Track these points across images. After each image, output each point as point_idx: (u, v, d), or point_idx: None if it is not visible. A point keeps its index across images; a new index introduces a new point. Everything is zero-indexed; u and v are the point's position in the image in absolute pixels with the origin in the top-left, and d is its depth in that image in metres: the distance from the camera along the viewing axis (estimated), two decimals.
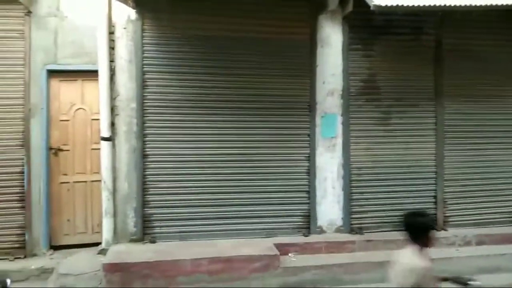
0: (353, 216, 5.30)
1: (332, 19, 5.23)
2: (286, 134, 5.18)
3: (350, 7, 5.05)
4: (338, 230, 5.25)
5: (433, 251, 4.87)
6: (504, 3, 4.69)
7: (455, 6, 4.60)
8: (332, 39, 5.24)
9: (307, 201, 5.22)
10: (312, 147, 5.22)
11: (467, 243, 5.24)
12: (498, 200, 5.66)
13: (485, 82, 5.63)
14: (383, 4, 4.44)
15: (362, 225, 5.31)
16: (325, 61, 5.23)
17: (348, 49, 5.27)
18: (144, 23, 4.84)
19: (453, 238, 5.24)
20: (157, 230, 4.90)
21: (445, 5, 4.59)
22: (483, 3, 4.65)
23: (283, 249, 4.76)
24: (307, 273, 4.48)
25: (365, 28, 5.31)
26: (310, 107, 5.21)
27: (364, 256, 4.82)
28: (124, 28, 4.80)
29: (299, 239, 5.04)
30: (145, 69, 4.85)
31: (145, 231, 4.86)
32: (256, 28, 5.07)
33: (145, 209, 4.86)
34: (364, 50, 5.35)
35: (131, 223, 4.82)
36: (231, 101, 5.05)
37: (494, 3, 4.66)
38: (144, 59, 4.84)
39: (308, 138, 5.23)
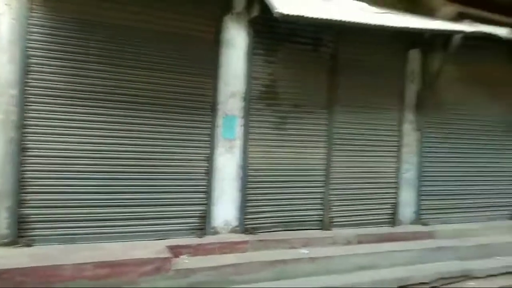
0: (248, 216, 5.57)
1: (238, 21, 5.40)
2: (186, 133, 5.21)
3: (255, 12, 5.26)
4: (233, 231, 5.46)
5: (318, 250, 5.44)
6: (394, 25, 5.35)
7: (350, 22, 5.10)
8: (236, 41, 5.41)
9: (204, 202, 5.32)
10: (212, 147, 5.34)
11: (349, 242, 5.84)
12: (376, 203, 6.44)
13: (373, 95, 6.34)
14: (285, 13, 4.73)
15: (256, 225, 5.60)
16: (229, 63, 5.38)
17: (252, 53, 5.49)
18: (33, 1, 4.43)
19: (337, 238, 5.81)
20: (36, 232, 4.54)
21: (341, 21, 5.08)
22: (375, 23, 5.25)
23: (177, 251, 4.80)
24: (199, 274, 4.59)
25: (270, 34, 5.58)
26: (212, 107, 5.32)
27: (256, 255, 5.09)
28: (7, 4, 4.34)
29: (193, 240, 5.11)
30: (29, 52, 4.44)
31: (20, 234, 4.47)
32: (159, 20, 4.98)
33: (21, 209, 4.47)
34: (267, 55, 5.62)
35: (3, 224, 4.40)
36: (127, 95, 4.89)
37: (385, 24, 5.29)
38: (29, 41, 4.43)
39: (208, 139, 5.32)
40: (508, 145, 7.55)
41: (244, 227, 5.52)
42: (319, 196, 6.03)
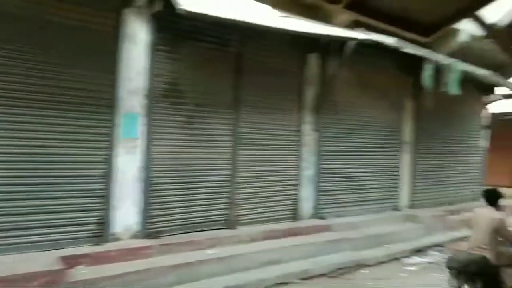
0: (152, 220, 5.39)
1: (139, 15, 5.18)
2: (81, 132, 4.83)
3: (158, 6, 5.12)
4: (135, 236, 5.23)
5: (225, 250, 5.49)
6: (295, 29, 5.63)
7: (254, 24, 5.25)
8: (138, 36, 5.19)
9: (102, 206, 5.00)
10: (111, 148, 5.04)
11: (254, 239, 6.01)
12: (279, 199, 6.73)
13: (276, 97, 6.62)
14: (189, 10, 4.68)
15: (161, 229, 5.45)
16: (130, 58, 5.14)
17: (154, 48, 5.32)
18: None
19: (243, 236, 5.94)
20: None
21: (245, 22, 5.19)
22: (278, 26, 5.47)
23: (72, 261, 4.44)
24: (99, 285, 4.31)
25: (174, 30, 5.47)
26: (110, 104, 5.03)
27: (160, 260, 4.95)
28: None
29: (91, 249, 4.78)
30: None
31: None
32: (54, 10, 4.59)
33: None
34: (171, 52, 5.50)
35: None
36: (15, 91, 4.39)
37: (286, 28, 5.53)
38: None
39: (107, 138, 5.02)
40: (392, 143, 8.49)
41: (148, 231, 5.33)
42: (225, 195, 6.09)
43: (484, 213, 4.56)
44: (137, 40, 5.19)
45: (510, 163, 15.70)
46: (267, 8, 6.01)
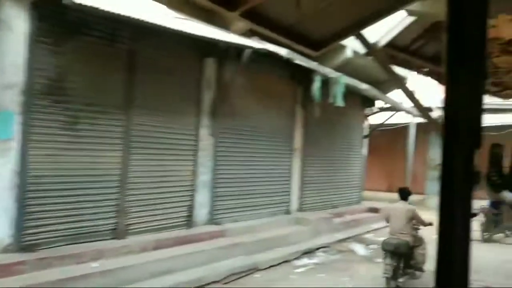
0: (27, 231, 4.87)
1: (17, 0, 4.69)
2: None
3: None
4: (6, 250, 4.67)
5: (112, 262, 5.20)
6: (192, 32, 5.62)
7: (147, 22, 5.13)
8: (15, 23, 4.69)
9: None
10: None
11: (145, 249, 5.81)
12: (173, 206, 6.62)
13: (172, 99, 6.52)
14: (76, 1, 4.40)
15: (38, 241, 4.96)
16: (3, 47, 4.61)
17: (35, 40, 4.86)
18: None
19: (133, 246, 5.70)
20: None
21: (138, 19, 5.04)
22: (173, 27, 5.41)
23: None
24: None
25: (59, 21, 5.06)
26: None
27: (35, 277, 4.50)
28: None
29: None
30: None
31: None
32: None
33: None
34: (55, 45, 5.08)
35: None
36: None
37: (183, 30, 5.51)
38: None
39: None
40: (284, 149, 8.97)
41: (22, 244, 4.80)
42: (113, 203, 5.79)
43: (399, 206, 5.87)
44: (14, 28, 4.69)
45: (386, 170, 17.74)
46: (162, 7, 5.91)
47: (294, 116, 9.21)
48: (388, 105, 11.72)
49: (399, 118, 13.35)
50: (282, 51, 7.01)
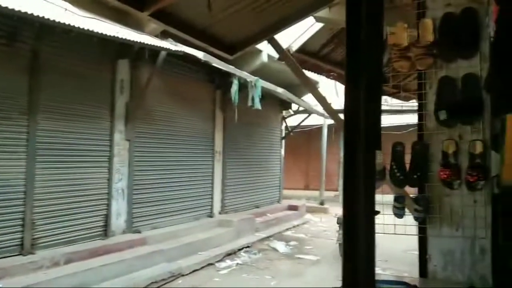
0: None
1: None
2: None
3: None
4: None
5: (16, 280, 4.70)
6: (103, 32, 5.28)
7: (51, 21, 4.71)
8: None
9: None
10: None
11: (56, 264, 5.34)
12: (87, 216, 6.17)
13: (83, 103, 6.08)
14: None
15: None
16: None
17: None
18: None
19: (42, 261, 5.20)
20: None
21: (40, 17, 4.61)
22: (82, 26, 5.04)
23: None
24: None
25: None
26: None
27: None
28: None
29: None
30: None
31: None
32: None
33: None
34: None
35: None
36: None
37: (93, 30, 5.15)
38: None
39: None
40: (205, 153, 8.86)
41: None
42: (18, 216, 5.24)
43: None
44: None
45: (302, 169, 18.44)
46: (69, 6, 5.49)
47: (214, 119, 9.14)
48: (302, 108, 12.18)
49: (313, 120, 13.95)
50: (199, 54, 6.91)
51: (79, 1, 5.89)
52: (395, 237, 2.52)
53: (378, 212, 0.93)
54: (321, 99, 4.09)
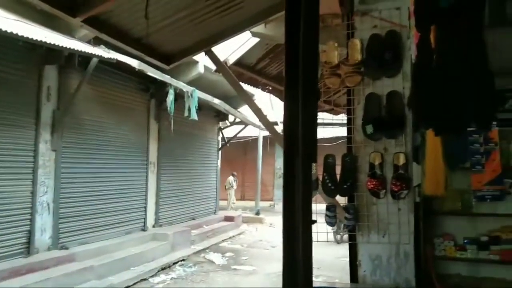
0: None
1: None
2: None
3: None
4: None
5: None
6: (29, 36, 4.93)
7: None
8: None
9: None
10: None
11: None
12: (6, 233, 5.65)
13: (1, 109, 5.62)
14: None
15: None
16: None
17: None
18: None
19: None
20: None
21: None
22: (4, 29, 4.68)
23: None
24: None
25: None
26: None
27: None
28: None
29: None
30: None
31: None
32: None
33: None
34: None
35: None
36: None
37: (17, 33, 4.79)
38: None
39: None
40: (138, 164, 8.57)
41: None
42: None
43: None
44: None
45: (239, 179, 18.51)
46: None
47: (148, 129, 8.89)
48: (239, 119, 12.28)
49: (249, 131, 14.11)
50: (133, 62, 6.72)
51: (1, 1, 5.47)
52: (327, 245, 2.62)
53: (315, 222, 0.96)
54: (257, 111, 4.17)
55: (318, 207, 2.50)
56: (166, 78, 7.70)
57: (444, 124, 1.15)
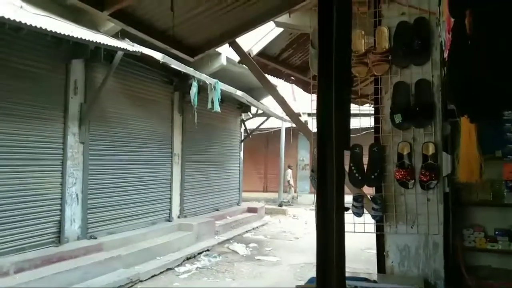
0: None
1: None
2: None
3: None
4: None
5: None
6: (57, 31, 5.05)
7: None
8: None
9: None
10: None
11: (5, 273, 5.05)
12: (38, 222, 5.87)
13: (32, 104, 5.79)
14: None
15: None
16: None
17: None
18: None
19: None
20: None
21: None
22: (34, 24, 4.81)
23: None
24: None
25: None
26: None
27: None
28: None
29: None
30: None
31: None
32: None
33: None
34: None
35: None
36: None
37: (46, 28, 4.92)
38: None
39: None
40: (163, 156, 8.72)
41: None
42: None
43: None
44: None
45: (261, 171, 18.58)
46: (19, 3, 5.23)
47: (172, 121, 9.01)
48: (261, 111, 12.29)
49: (272, 123, 14.10)
50: (157, 55, 6.80)
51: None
52: (353, 236, 2.62)
53: (348, 209, 0.97)
54: (282, 101, 4.16)
55: (345, 198, 2.51)
56: (189, 70, 7.77)
57: (480, 110, 1.13)
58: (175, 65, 7.26)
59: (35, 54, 5.82)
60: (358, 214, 2.58)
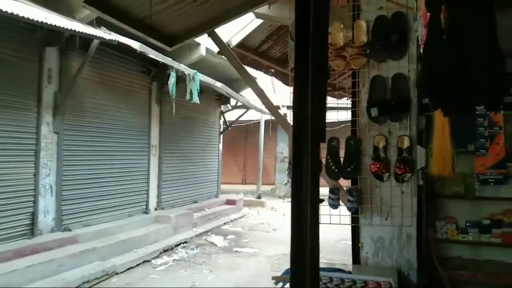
0: None
1: None
2: None
3: None
4: None
5: None
6: (29, 17, 4.88)
7: None
8: None
9: None
10: None
11: None
12: (10, 214, 5.71)
13: (2, 92, 5.61)
14: None
15: None
16: None
17: None
18: None
19: None
20: None
21: None
22: (3, 9, 4.63)
23: None
24: None
25: None
26: None
27: None
28: None
29: None
30: None
31: None
32: None
33: None
34: None
35: None
36: None
37: (18, 14, 4.74)
38: None
39: None
40: (140, 147, 8.60)
41: None
42: None
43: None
44: None
45: (239, 164, 18.59)
46: None
47: (150, 112, 8.87)
48: (240, 103, 12.25)
49: (251, 115, 14.09)
50: (135, 44, 6.67)
51: None
52: (329, 228, 2.65)
53: (322, 200, 0.98)
54: (261, 94, 4.15)
55: (322, 190, 2.53)
56: (167, 60, 7.65)
57: (453, 104, 1.16)
58: (153, 54, 7.14)
59: (6, 40, 5.61)
60: (334, 206, 2.61)
